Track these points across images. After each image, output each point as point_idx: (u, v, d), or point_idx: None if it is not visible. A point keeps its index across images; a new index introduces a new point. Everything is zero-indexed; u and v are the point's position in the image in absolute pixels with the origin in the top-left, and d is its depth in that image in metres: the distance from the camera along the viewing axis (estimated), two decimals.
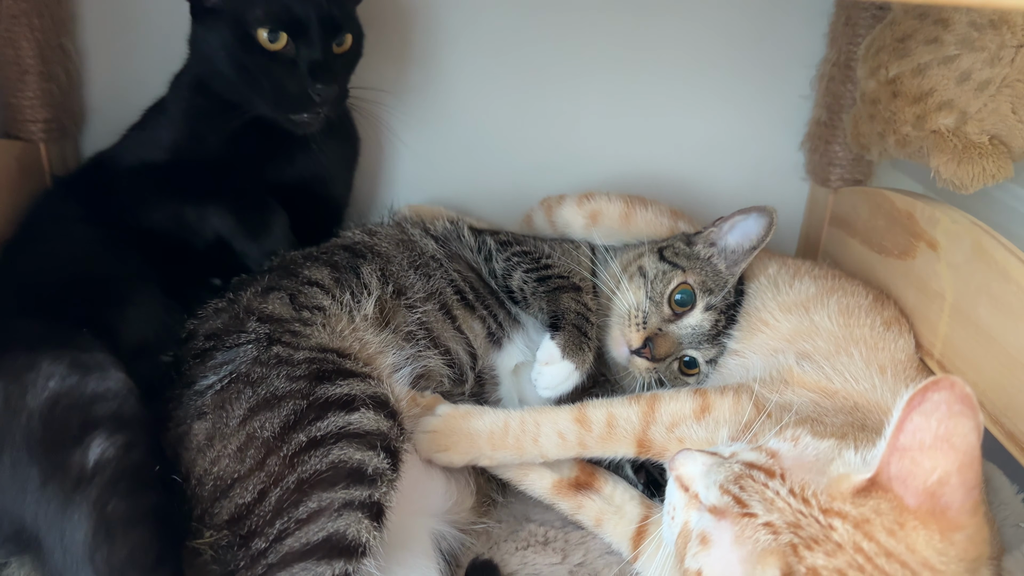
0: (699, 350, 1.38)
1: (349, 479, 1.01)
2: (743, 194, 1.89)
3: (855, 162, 1.70)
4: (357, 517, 0.99)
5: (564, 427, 1.18)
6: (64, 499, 0.98)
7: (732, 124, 1.84)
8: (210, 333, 1.22)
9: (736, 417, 1.13)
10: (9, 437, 1.01)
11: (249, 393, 1.09)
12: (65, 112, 1.66)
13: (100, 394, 1.05)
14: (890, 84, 1.40)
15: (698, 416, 1.15)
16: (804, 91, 1.78)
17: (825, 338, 1.26)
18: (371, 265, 1.36)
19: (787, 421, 0.97)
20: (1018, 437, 1.14)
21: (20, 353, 1.07)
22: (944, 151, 1.30)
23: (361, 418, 1.06)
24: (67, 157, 1.70)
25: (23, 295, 1.26)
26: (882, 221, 1.52)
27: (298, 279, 1.30)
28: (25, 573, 1.08)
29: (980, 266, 1.23)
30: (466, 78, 1.80)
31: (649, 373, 1.37)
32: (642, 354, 1.35)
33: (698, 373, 1.39)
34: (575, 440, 1.18)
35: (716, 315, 1.38)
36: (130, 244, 1.38)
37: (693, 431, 1.14)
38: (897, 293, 1.43)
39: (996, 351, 1.18)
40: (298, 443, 1.03)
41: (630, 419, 1.17)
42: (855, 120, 1.57)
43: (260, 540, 0.98)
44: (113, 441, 1.01)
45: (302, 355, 1.13)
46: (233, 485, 1.03)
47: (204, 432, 1.08)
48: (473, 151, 1.75)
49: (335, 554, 0.97)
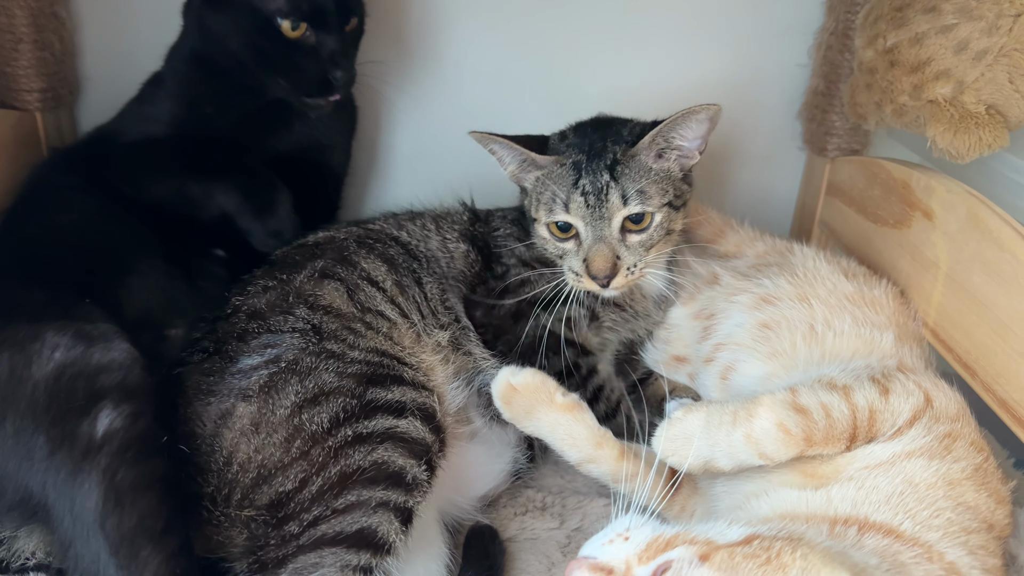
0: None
1: (388, 481, 1.04)
2: (739, 163, 1.90)
3: (852, 132, 1.70)
4: (389, 518, 1.02)
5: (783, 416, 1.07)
6: (73, 468, 0.99)
7: (729, 92, 1.83)
8: (254, 312, 1.22)
9: (908, 403, 1.06)
10: (13, 407, 1.02)
11: (296, 384, 1.11)
12: (60, 81, 1.65)
13: (105, 365, 1.05)
14: (888, 53, 1.40)
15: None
16: (802, 60, 1.77)
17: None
18: (432, 279, 1.36)
19: (678, 552, 0.84)
20: (1009, 404, 1.16)
21: (23, 323, 1.08)
22: (941, 121, 1.30)
23: (408, 425, 1.09)
24: (63, 126, 1.69)
25: (24, 264, 1.26)
26: (878, 191, 1.52)
27: (355, 270, 1.29)
28: (34, 543, 1.10)
29: (974, 235, 1.24)
30: (464, 44, 1.79)
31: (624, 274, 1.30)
32: (599, 281, 1.30)
33: (647, 225, 1.30)
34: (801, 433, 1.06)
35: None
36: (131, 215, 1.39)
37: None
38: (892, 262, 1.45)
39: (989, 318, 1.20)
40: (344, 437, 1.06)
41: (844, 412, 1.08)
42: (852, 89, 1.57)
43: (294, 524, 1.01)
44: (120, 411, 1.02)
45: (357, 354, 1.15)
46: (276, 473, 1.05)
47: (249, 416, 1.09)
48: (473, 118, 1.74)
49: (363, 546, 1.00)
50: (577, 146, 1.32)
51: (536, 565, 1.22)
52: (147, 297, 1.30)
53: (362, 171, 1.86)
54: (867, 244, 1.54)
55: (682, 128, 1.30)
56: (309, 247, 1.36)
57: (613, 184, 1.27)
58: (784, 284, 1.33)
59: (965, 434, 1.05)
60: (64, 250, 1.30)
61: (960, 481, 0.99)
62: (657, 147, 1.31)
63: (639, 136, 1.30)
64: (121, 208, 1.39)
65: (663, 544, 0.86)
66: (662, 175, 1.31)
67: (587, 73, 1.80)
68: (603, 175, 1.27)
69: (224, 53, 1.43)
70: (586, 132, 1.35)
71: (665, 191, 1.30)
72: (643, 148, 1.29)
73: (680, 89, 1.82)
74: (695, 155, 1.34)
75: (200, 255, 1.43)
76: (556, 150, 1.34)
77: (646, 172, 1.29)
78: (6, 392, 1.03)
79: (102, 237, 1.35)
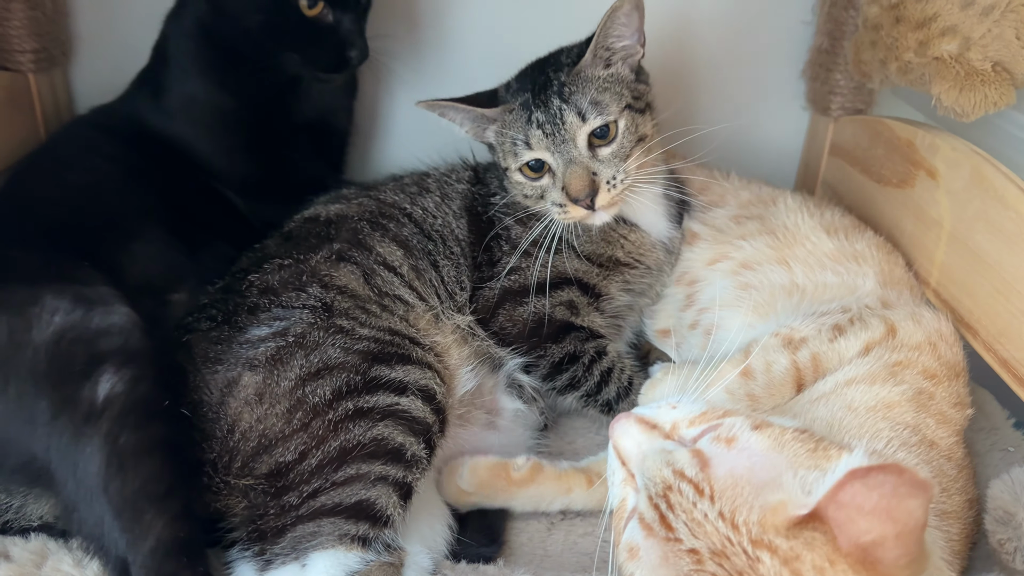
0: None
1: (388, 456, 1.05)
2: (743, 122, 1.88)
3: (856, 90, 1.68)
4: (388, 492, 1.04)
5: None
6: (75, 432, 1.00)
7: (732, 51, 1.81)
8: (267, 288, 1.22)
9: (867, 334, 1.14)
10: (14, 371, 1.03)
11: (302, 357, 1.11)
12: (52, 41, 1.63)
13: (105, 329, 1.05)
14: (893, 9, 1.38)
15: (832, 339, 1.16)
16: (806, 17, 1.74)
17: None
18: (448, 261, 1.35)
19: (730, 419, 0.88)
20: (1011, 363, 1.15)
21: (20, 286, 1.07)
22: (946, 78, 1.28)
23: (410, 403, 1.10)
24: (56, 87, 1.68)
25: (24, 224, 1.25)
26: (882, 150, 1.51)
27: (371, 254, 1.29)
28: (44, 507, 1.11)
29: (978, 193, 1.23)
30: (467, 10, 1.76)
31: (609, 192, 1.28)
32: (583, 203, 1.27)
33: (614, 135, 1.28)
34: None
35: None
36: (148, 184, 1.39)
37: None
38: (895, 222, 1.44)
39: (992, 277, 1.19)
40: (345, 411, 1.07)
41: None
42: (857, 47, 1.55)
43: (293, 495, 1.03)
44: (121, 375, 1.02)
45: (367, 332, 1.15)
46: (277, 443, 1.06)
47: (254, 386, 1.10)
48: (474, 80, 1.73)
49: (362, 517, 1.01)
50: (521, 88, 1.32)
51: (536, 525, 1.23)
52: (150, 263, 1.30)
53: (364, 131, 1.85)
54: (870, 204, 1.53)
55: (615, 28, 1.28)
56: (322, 224, 1.35)
57: (565, 106, 1.26)
58: (763, 248, 1.35)
59: (920, 362, 1.10)
60: (67, 211, 1.29)
61: (899, 403, 1.03)
62: (601, 58, 1.29)
63: (579, 55, 1.29)
64: (134, 177, 1.39)
65: (719, 413, 0.89)
66: (612, 80, 1.29)
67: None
68: (553, 101, 1.26)
69: (237, 29, 1.43)
70: (527, 74, 1.35)
71: (620, 95, 1.28)
72: (587, 63, 1.28)
73: (682, 47, 1.80)
74: (638, 49, 1.32)
75: (210, 234, 1.44)
76: (504, 100, 1.33)
77: (595, 83, 1.28)
78: (6, 356, 1.03)
79: (111, 202, 1.34)
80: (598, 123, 1.26)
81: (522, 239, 1.34)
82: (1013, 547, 0.99)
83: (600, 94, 1.27)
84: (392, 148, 1.89)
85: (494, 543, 1.18)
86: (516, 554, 1.19)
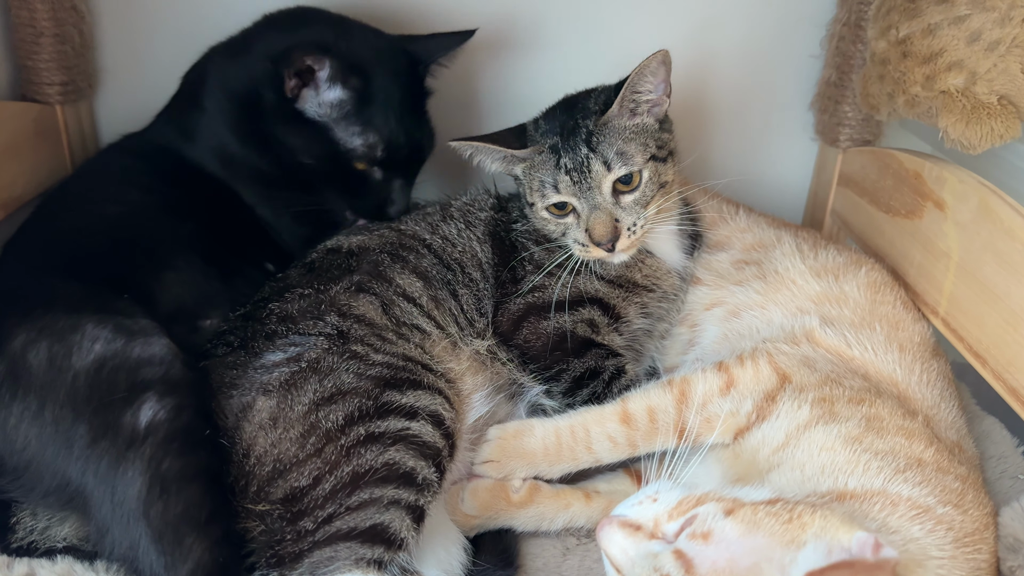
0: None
1: (400, 481, 1.07)
2: (752, 154, 1.91)
3: (864, 122, 1.71)
4: (401, 515, 1.06)
5: (612, 429, 1.21)
6: (117, 457, 1.02)
7: (741, 82, 1.84)
8: (286, 316, 1.24)
9: (759, 386, 1.16)
10: (52, 395, 1.05)
11: (316, 383, 1.13)
12: (80, 74, 1.67)
13: (147, 359, 1.08)
14: (900, 44, 1.41)
15: (724, 392, 1.18)
16: (815, 51, 1.78)
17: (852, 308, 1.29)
18: (467, 289, 1.37)
19: (704, 508, 0.91)
20: (1020, 392, 1.17)
21: (62, 314, 1.10)
22: (953, 111, 1.31)
23: (420, 428, 1.12)
24: (82, 119, 1.71)
25: (60, 252, 1.27)
26: (890, 181, 1.53)
27: (390, 286, 1.31)
28: (65, 530, 1.12)
29: (986, 225, 1.25)
30: None
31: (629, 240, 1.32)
32: (604, 247, 1.31)
33: (638, 184, 1.31)
34: (625, 441, 1.20)
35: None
36: (182, 210, 1.38)
37: (719, 407, 1.17)
38: (903, 252, 1.46)
39: (1000, 308, 1.21)
40: (357, 436, 1.09)
41: (667, 409, 1.19)
42: (865, 80, 1.57)
43: (308, 520, 1.05)
44: (164, 404, 1.05)
45: (380, 358, 1.18)
46: (291, 468, 1.08)
47: (268, 411, 1.12)
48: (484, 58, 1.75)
49: (377, 541, 1.03)
50: (550, 130, 1.35)
51: (551, 551, 1.24)
52: (183, 291, 1.31)
53: None
54: (879, 234, 1.55)
55: (643, 82, 1.31)
56: (344, 255, 1.37)
57: (592, 155, 1.29)
58: (752, 294, 1.38)
59: (836, 395, 1.11)
60: (105, 240, 1.30)
61: (861, 436, 1.04)
62: (627, 108, 1.33)
63: (606, 103, 1.33)
64: (168, 204, 1.38)
65: (692, 502, 0.91)
66: (638, 131, 1.33)
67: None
68: (581, 149, 1.30)
69: (286, 148, 1.42)
70: (556, 114, 1.38)
71: (645, 145, 1.32)
72: (614, 114, 1.32)
73: (692, 79, 1.83)
74: (664, 100, 1.36)
75: (244, 261, 1.44)
76: (533, 139, 1.37)
77: (621, 133, 1.31)
78: (45, 381, 1.06)
79: (145, 229, 1.34)
80: (623, 172, 1.29)
81: (545, 261, 1.37)
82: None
83: (626, 144, 1.30)
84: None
85: (509, 567, 1.20)
86: None
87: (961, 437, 1.17)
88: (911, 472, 1.00)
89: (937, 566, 0.92)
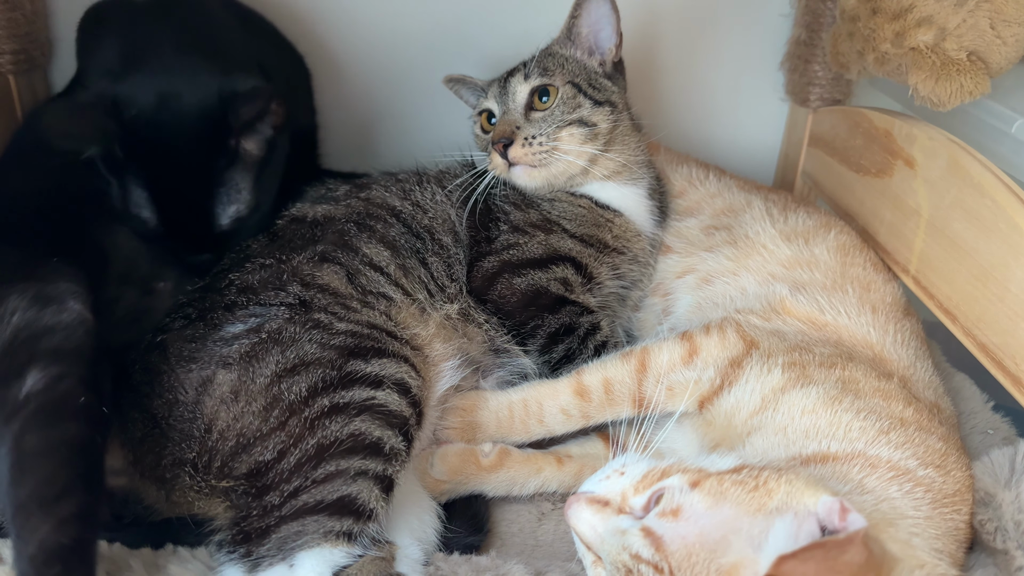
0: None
1: (367, 451, 1.05)
2: (722, 115, 1.90)
3: (834, 81, 1.70)
4: (369, 486, 1.03)
5: (566, 402, 1.21)
6: (1, 431, 0.96)
7: (711, 43, 1.83)
8: (246, 286, 1.21)
9: (724, 353, 1.15)
10: None
11: (278, 354, 1.10)
12: (32, 43, 1.62)
13: (51, 327, 1.03)
14: (869, 1, 1.39)
15: (687, 360, 1.17)
16: (784, 10, 1.76)
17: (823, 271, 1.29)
18: (437, 257, 1.35)
19: (669, 480, 0.90)
20: (989, 348, 1.17)
21: None
22: (923, 68, 1.30)
23: (386, 397, 1.09)
24: (36, 89, 1.66)
25: (6, 217, 1.22)
26: (860, 140, 1.53)
27: (356, 255, 1.28)
28: None
29: (956, 181, 1.25)
30: None
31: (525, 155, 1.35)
32: (498, 148, 1.36)
33: (552, 104, 1.37)
34: (579, 413, 1.20)
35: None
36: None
37: (683, 375, 1.16)
38: (874, 211, 1.46)
39: (969, 264, 1.21)
40: (321, 407, 1.06)
41: (624, 380, 1.19)
42: (835, 38, 1.56)
43: (274, 495, 1.02)
44: (46, 373, 0.99)
45: (343, 326, 1.15)
46: (254, 443, 1.05)
47: (229, 384, 1.09)
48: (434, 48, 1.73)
49: (345, 513, 1.01)
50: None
51: (526, 516, 1.24)
52: (132, 252, 1.26)
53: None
54: (850, 194, 1.55)
55: (587, 13, 1.41)
56: (308, 225, 1.34)
57: (522, 68, 1.41)
58: (723, 260, 1.38)
59: (807, 360, 1.11)
60: (49, 202, 1.25)
61: (840, 397, 1.04)
62: (571, 38, 1.43)
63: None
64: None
65: (658, 474, 0.91)
66: (573, 62, 1.42)
67: None
68: (520, 69, 1.41)
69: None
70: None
71: (573, 72, 1.40)
72: (556, 40, 1.45)
73: (660, 39, 1.81)
74: (609, 46, 1.44)
75: None
76: None
77: (555, 58, 1.42)
78: None
79: (87, 193, 1.27)
80: (537, 83, 1.38)
81: (520, 221, 1.39)
82: (994, 527, 1.01)
83: (553, 64, 1.40)
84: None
85: (479, 532, 1.19)
86: (507, 544, 1.20)
87: (939, 397, 1.18)
88: (894, 433, 1.00)
89: (911, 525, 0.92)
